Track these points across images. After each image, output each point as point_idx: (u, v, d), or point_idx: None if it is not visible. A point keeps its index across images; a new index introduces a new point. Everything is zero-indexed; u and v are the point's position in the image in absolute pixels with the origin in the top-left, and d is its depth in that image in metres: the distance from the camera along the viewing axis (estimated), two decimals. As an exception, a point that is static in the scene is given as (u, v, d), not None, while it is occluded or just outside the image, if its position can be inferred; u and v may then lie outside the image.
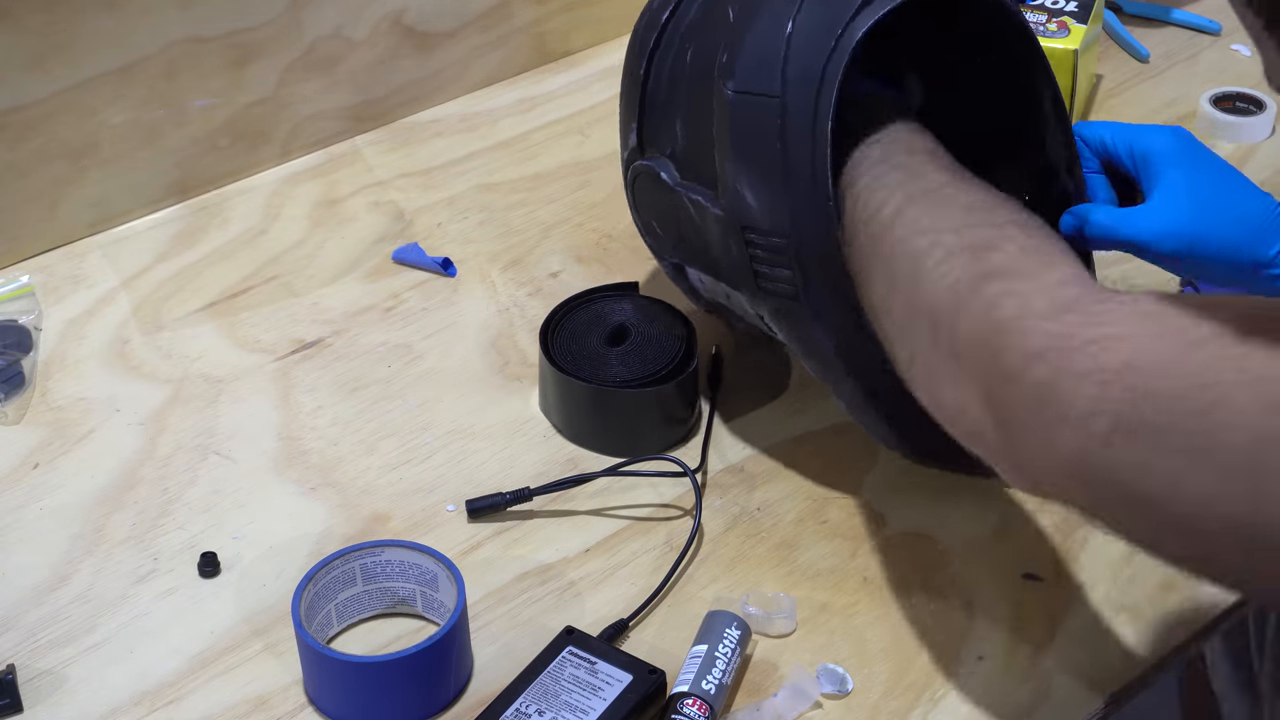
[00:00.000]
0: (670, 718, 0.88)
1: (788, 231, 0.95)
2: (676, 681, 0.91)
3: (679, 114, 1.02)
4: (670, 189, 1.02)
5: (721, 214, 0.98)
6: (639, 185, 1.06)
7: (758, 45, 0.95)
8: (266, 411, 1.12)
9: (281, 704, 0.93)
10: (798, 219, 0.94)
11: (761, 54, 0.95)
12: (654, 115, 1.04)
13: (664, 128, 1.04)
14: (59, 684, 0.94)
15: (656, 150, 1.04)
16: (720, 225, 0.99)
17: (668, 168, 1.03)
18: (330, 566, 0.93)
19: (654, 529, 1.03)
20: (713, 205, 0.99)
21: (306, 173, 1.36)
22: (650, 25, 1.05)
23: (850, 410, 1.01)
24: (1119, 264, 1.25)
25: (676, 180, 1.02)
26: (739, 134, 0.96)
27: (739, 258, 0.98)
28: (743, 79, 0.95)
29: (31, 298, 1.21)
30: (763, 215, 0.96)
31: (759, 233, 0.96)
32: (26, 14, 1.18)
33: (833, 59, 0.93)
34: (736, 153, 0.96)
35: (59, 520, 1.04)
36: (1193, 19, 1.54)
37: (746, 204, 0.96)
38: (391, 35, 1.38)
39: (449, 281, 1.24)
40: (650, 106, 1.05)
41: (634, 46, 1.06)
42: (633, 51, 1.06)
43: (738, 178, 0.96)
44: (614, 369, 1.07)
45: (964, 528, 1.03)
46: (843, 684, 0.92)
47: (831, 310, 0.96)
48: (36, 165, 1.23)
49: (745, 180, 0.96)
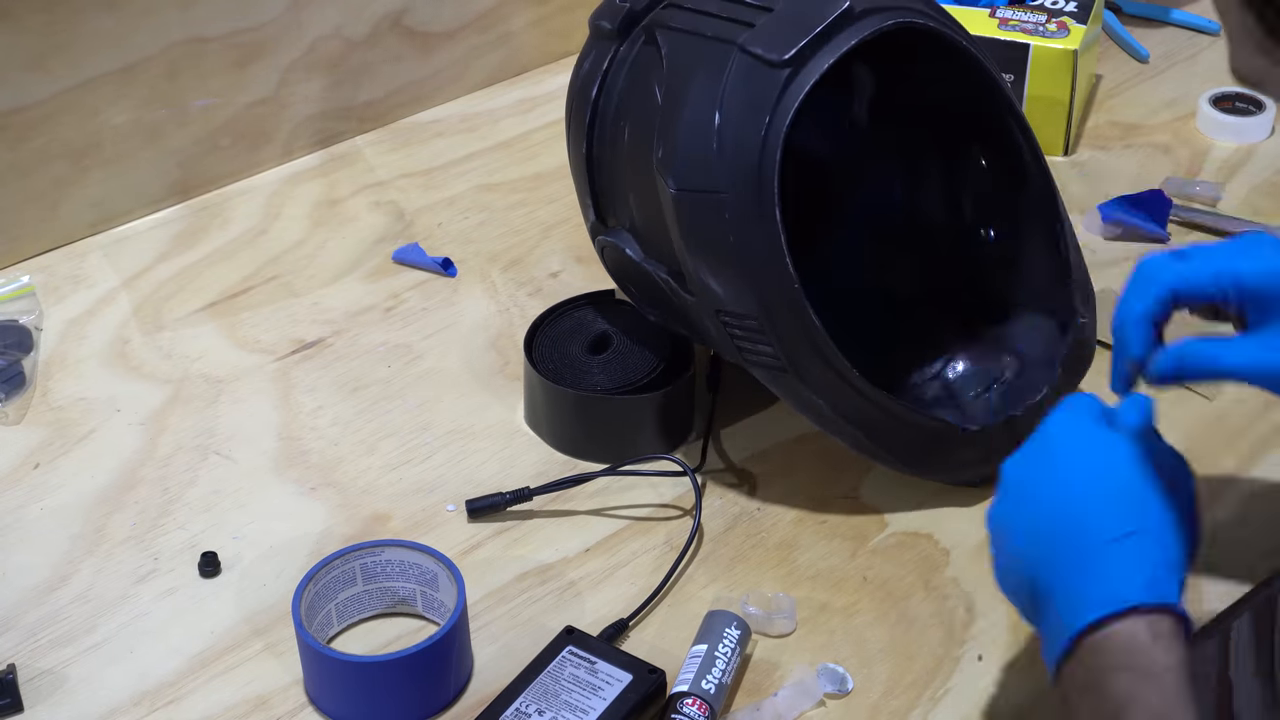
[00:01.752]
0: (670, 717, 0.88)
1: (756, 314, 0.96)
2: (676, 681, 0.91)
3: (631, 191, 1.02)
4: (638, 264, 1.02)
5: (692, 299, 0.99)
6: (608, 256, 1.06)
7: (689, 140, 0.95)
8: (267, 411, 1.12)
9: (281, 704, 0.93)
10: (765, 301, 0.95)
11: (694, 150, 0.95)
12: (606, 191, 1.05)
13: (619, 202, 1.04)
14: (59, 684, 0.94)
15: (616, 222, 1.05)
16: (694, 309, 0.99)
17: (631, 243, 1.03)
18: (330, 566, 0.93)
19: (654, 529, 1.03)
20: (681, 289, 0.99)
21: (307, 173, 1.36)
22: (581, 101, 1.04)
23: (855, 450, 1.02)
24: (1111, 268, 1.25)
25: (642, 257, 1.02)
26: (689, 229, 0.96)
27: (719, 335, 0.99)
28: (681, 177, 0.95)
29: (32, 298, 1.21)
30: (731, 300, 0.96)
31: (732, 315, 0.97)
32: (27, 14, 1.18)
33: (767, 147, 0.93)
34: (690, 246, 0.96)
35: (59, 520, 1.04)
36: (1192, 19, 1.54)
37: (712, 291, 0.97)
38: (391, 35, 1.38)
39: (449, 281, 1.24)
40: (600, 183, 1.05)
41: (571, 121, 1.06)
42: (572, 127, 1.06)
43: (699, 268, 0.97)
44: (595, 378, 1.07)
45: (964, 528, 1.03)
46: (843, 684, 0.92)
47: (819, 376, 0.98)
48: (37, 165, 1.23)
49: (706, 270, 0.96)
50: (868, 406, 0.99)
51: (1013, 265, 1.09)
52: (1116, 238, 1.26)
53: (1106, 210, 1.27)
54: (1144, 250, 1.26)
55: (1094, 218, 1.27)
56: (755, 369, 0.99)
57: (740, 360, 1.00)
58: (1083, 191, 1.31)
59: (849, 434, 1.00)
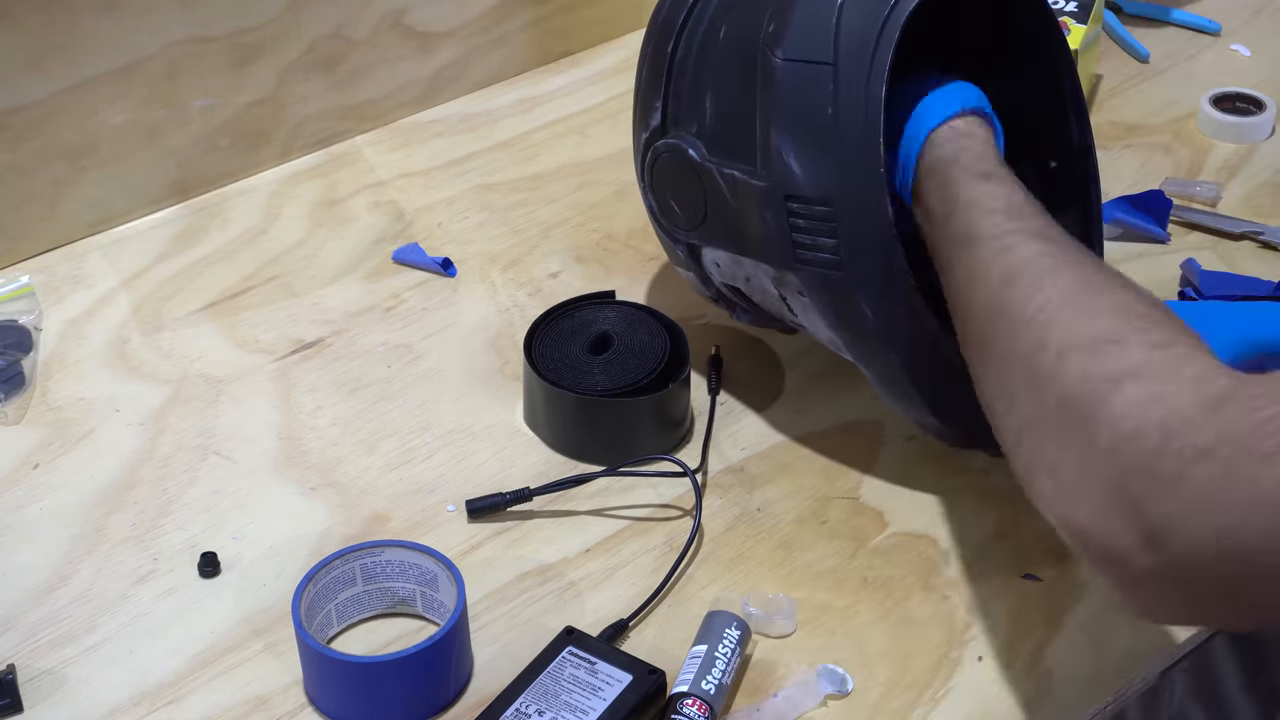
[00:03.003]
0: (670, 718, 0.88)
1: (834, 199, 0.96)
2: (676, 682, 0.91)
3: (709, 90, 1.03)
4: (698, 165, 1.02)
5: (762, 185, 0.98)
6: (660, 165, 1.06)
7: (807, 15, 0.97)
8: (266, 411, 1.12)
9: (281, 704, 0.93)
10: (845, 186, 0.96)
11: (812, 23, 0.97)
12: (680, 93, 1.05)
13: (693, 104, 1.04)
14: (59, 684, 0.94)
15: (682, 129, 1.05)
16: (759, 197, 0.99)
17: (695, 145, 1.03)
18: (330, 566, 0.93)
19: (654, 529, 1.03)
20: (750, 178, 0.99)
21: (307, 173, 1.36)
22: (676, 5, 1.06)
23: (883, 388, 1.02)
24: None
25: (706, 157, 1.02)
26: (787, 102, 0.97)
27: (776, 229, 0.99)
28: (792, 47, 0.97)
29: (31, 298, 1.21)
30: (808, 183, 0.97)
31: (803, 201, 0.97)
32: (26, 14, 1.18)
33: (887, 26, 0.95)
34: (783, 121, 0.97)
35: (59, 520, 1.04)
36: (1193, 19, 1.54)
37: (791, 173, 0.97)
38: (391, 35, 1.38)
39: (449, 282, 1.24)
40: (678, 84, 1.05)
41: (658, 27, 1.07)
42: (656, 32, 1.07)
43: (783, 147, 0.97)
44: (596, 378, 1.07)
45: (964, 528, 1.03)
46: (843, 684, 0.92)
47: (872, 280, 0.97)
48: (36, 165, 1.23)
49: (791, 149, 0.97)
50: (914, 325, 0.98)
51: None
52: (1116, 238, 1.26)
53: (1107, 210, 1.26)
54: (1144, 250, 1.26)
55: (1094, 218, 1.27)
56: (805, 269, 0.99)
57: (789, 262, 0.99)
58: (1082, 191, 1.31)
59: (881, 360, 0.99)
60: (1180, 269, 1.22)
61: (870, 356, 1.00)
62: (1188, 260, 1.21)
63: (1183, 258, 1.22)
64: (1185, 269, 1.21)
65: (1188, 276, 1.21)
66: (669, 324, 1.10)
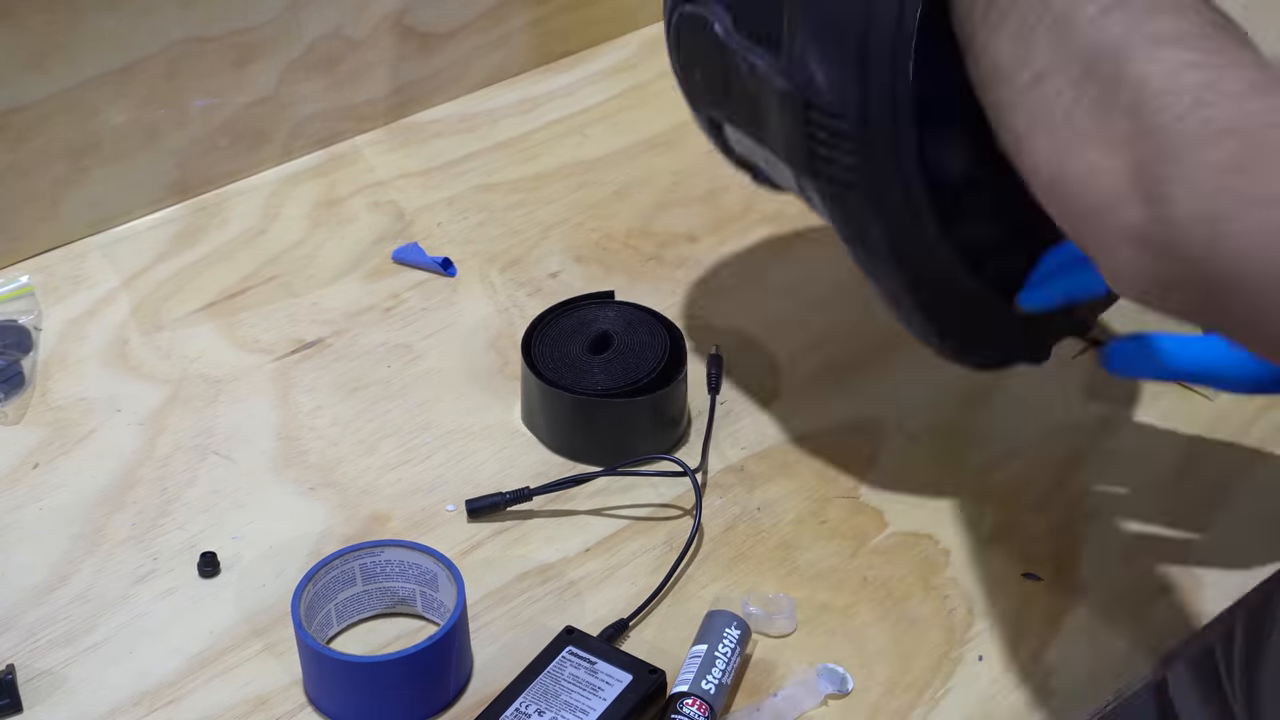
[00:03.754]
0: (670, 718, 0.88)
1: (857, 116, 0.87)
2: (676, 681, 0.91)
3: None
4: (721, 43, 0.93)
5: (783, 85, 0.90)
6: (684, 32, 0.97)
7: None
8: (266, 411, 1.12)
9: (281, 704, 0.93)
10: (870, 105, 0.87)
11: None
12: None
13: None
14: (59, 684, 0.94)
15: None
16: (780, 98, 0.91)
17: (722, 17, 0.93)
18: (330, 566, 0.93)
19: (654, 529, 1.03)
20: (773, 73, 0.91)
21: (306, 173, 1.36)
22: None
23: (890, 304, 0.95)
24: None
25: (730, 32, 0.93)
26: (817, 3, 0.88)
27: (794, 133, 0.90)
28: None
29: (31, 298, 1.21)
30: (831, 94, 0.87)
31: (823, 112, 0.88)
32: (27, 14, 1.18)
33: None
34: (811, 21, 0.88)
35: (59, 520, 1.04)
36: (1193, 19, 1.54)
37: (814, 79, 0.88)
38: (391, 35, 1.38)
39: (449, 281, 1.24)
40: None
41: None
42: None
43: (807, 49, 0.88)
44: (596, 378, 1.07)
45: (964, 528, 1.03)
46: (843, 684, 0.92)
47: (889, 196, 0.89)
48: (37, 165, 1.23)
49: (815, 54, 0.88)
50: (923, 241, 0.90)
51: None
52: (1116, 238, 1.26)
53: (1106, 210, 1.27)
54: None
55: (1094, 218, 1.27)
56: (817, 180, 0.91)
57: (801, 168, 0.91)
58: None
59: (889, 280, 0.92)
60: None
61: (875, 270, 0.93)
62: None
63: (1183, 258, 1.22)
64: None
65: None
66: (669, 324, 1.10)
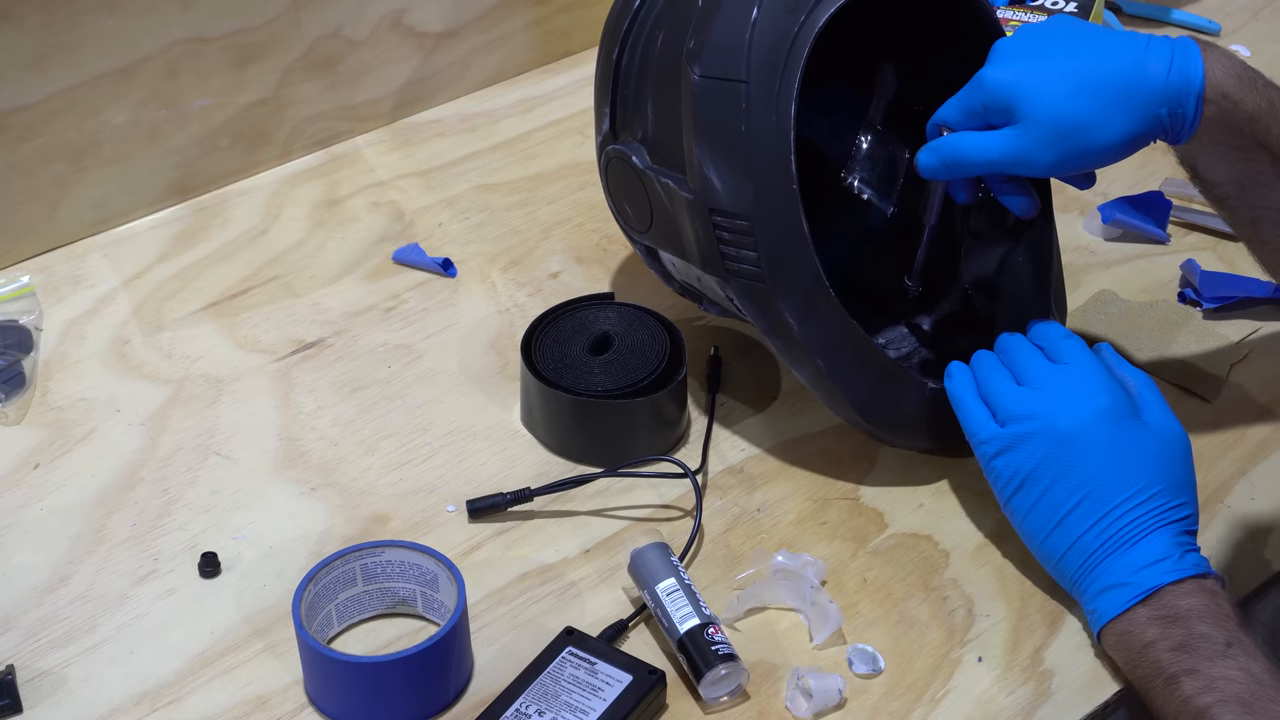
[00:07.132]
0: (712, 649, 0.91)
1: (750, 213, 0.99)
2: (678, 621, 0.92)
3: (649, 98, 1.05)
4: (641, 173, 1.05)
5: (690, 197, 1.01)
6: (612, 169, 1.09)
7: (724, 31, 0.99)
8: (267, 412, 1.12)
9: (281, 704, 0.93)
10: (760, 200, 0.98)
11: (727, 40, 0.99)
12: (626, 100, 1.07)
13: (636, 112, 1.06)
14: (59, 684, 0.94)
15: (629, 135, 1.07)
16: (689, 209, 1.02)
17: (639, 152, 1.05)
18: (330, 567, 0.93)
19: (654, 530, 1.03)
20: (682, 189, 1.02)
21: (307, 173, 1.36)
22: (623, 11, 1.08)
23: (813, 388, 1.04)
24: (1111, 269, 1.25)
25: (647, 164, 1.05)
26: (704, 118, 0.99)
27: (706, 241, 1.01)
28: (709, 64, 0.99)
29: (32, 298, 1.21)
30: (727, 197, 0.99)
31: (724, 215, 1.00)
32: (27, 14, 1.18)
33: (795, 45, 0.97)
34: (702, 136, 1.00)
35: (59, 520, 1.04)
36: (1193, 19, 1.54)
37: (713, 186, 1.00)
38: (391, 35, 1.38)
39: (449, 282, 1.24)
40: (622, 91, 1.07)
41: (608, 32, 1.09)
42: (606, 37, 1.09)
43: (704, 161, 1.00)
44: (597, 379, 1.07)
45: (964, 528, 1.03)
46: (874, 663, 0.93)
47: (793, 291, 0.99)
48: (37, 165, 1.23)
49: (710, 163, 0.99)
50: (835, 334, 1.00)
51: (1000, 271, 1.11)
52: (1116, 239, 1.27)
53: (1106, 211, 1.27)
54: (1144, 251, 1.26)
55: (1094, 218, 1.27)
56: (734, 280, 1.01)
57: (719, 272, 1.02)
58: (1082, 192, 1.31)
59: (810, 366, 1.02)
60: (1180, 270, 1.22)
61: (798, 363, 1.03)
62: (1188, 261, 1.21)
63: (1182, 258, 1.23)
64: (1185, 270, 1.22)
65: (1187, 277, 1.21)
66: (669, 324, 1.10)
